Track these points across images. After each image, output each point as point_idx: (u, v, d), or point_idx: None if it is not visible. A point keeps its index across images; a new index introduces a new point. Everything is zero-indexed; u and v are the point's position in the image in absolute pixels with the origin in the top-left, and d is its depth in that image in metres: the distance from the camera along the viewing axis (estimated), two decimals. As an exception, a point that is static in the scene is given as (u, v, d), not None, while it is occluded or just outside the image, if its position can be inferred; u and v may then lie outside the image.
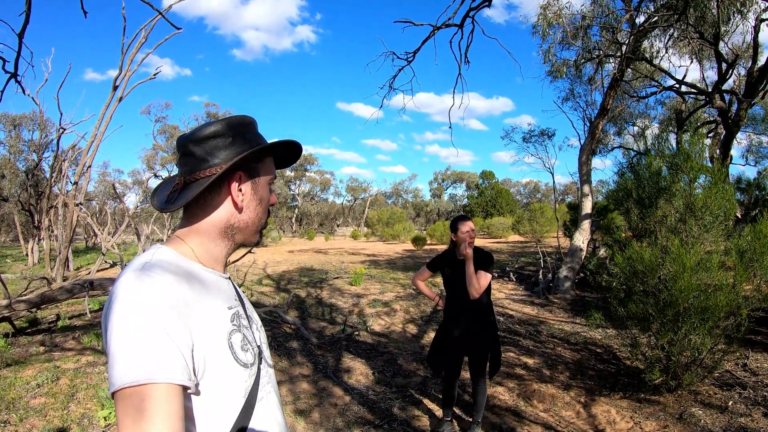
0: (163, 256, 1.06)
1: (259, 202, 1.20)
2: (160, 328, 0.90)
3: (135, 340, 0.88)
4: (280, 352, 6.28)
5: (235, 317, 1.12)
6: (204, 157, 1.12)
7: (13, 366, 5.49)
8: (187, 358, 0.93)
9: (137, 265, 1.00)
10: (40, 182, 23.97)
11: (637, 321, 4.61)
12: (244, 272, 11.23)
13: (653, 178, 5.00)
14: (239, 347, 1.08)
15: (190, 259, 1.11)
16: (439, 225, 31.48)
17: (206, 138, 1.13)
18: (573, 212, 15.29)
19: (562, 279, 10.25)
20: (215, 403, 1.02)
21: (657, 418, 4.17)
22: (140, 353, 0.87)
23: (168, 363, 0.88)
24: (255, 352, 1.14)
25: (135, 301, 0.91)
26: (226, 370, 1.03)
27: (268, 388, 1.17)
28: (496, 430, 4.12)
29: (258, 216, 1.21)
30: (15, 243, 41.30)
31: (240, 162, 1.13)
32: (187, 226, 1.16)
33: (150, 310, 0.91)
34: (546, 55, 11.33)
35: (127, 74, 10.62)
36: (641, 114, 17.18)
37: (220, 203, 1.15)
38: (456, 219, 3.85)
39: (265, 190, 1.22)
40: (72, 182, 12.19)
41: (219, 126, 1.14)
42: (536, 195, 69.99)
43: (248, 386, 1.09)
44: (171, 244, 1.13)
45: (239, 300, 1.22)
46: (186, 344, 0.94)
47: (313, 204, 63.52)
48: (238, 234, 1.20)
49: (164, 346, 0.89)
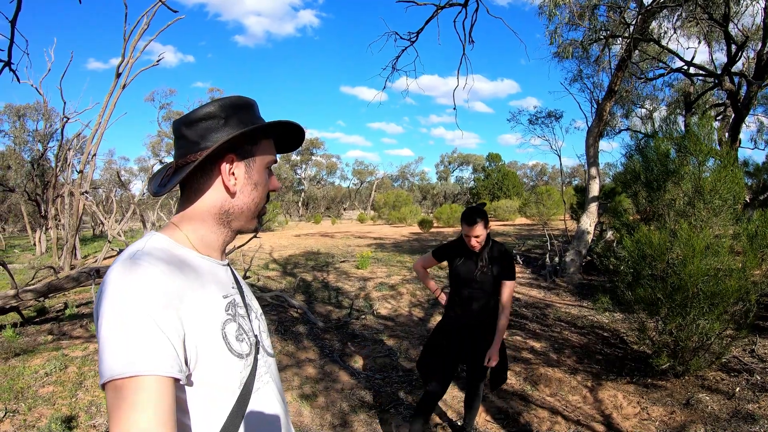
0: (156, 244, 1.03)
1: (255, 186, 1.15)
2: (149, 319, 0.87)
3: (123, 331, 0.85)
4: (287, 336, 6.30)
5: (230, 306, 1.09)
6: (195, 140, 1.09)
7: (21, 355, 5.52)
8: (177, 349, 0.90)
9: (128, 254, 0.97)
10: (45, 172, 24.06)
11: (645, 305, 4.57)
12: (250, 257, 11.22)
13: (661, 161, 4.93)
14: (234, 337, 1.05)
15: (184, 246, 1.08)
16: (446, 208, 31.42)
17: (198, 120, 1.09)
18: (580, 195, 15.23)
19: (569, 262, 10.20)
20: (209, 394, 1.00)
21: (664, 404, 4.15)
22: (129, 345, 0.84)
23: (157, 355, 0.86)
24: (251, 342, 1.11)
25: (124, 291, 0.89)
26: (220, 360, 1.01)
27: (266, 378, 1.15)
28: (503, 415, 4.11)
29: (254, 201, 1.16)
30: (23, 233, 41.48)
31: (229, 144, 1.08)
32: (181, 211, 1.13)
33: (139, 300, 0.88)
34: (552, 36, 11.18)
35: (130, 61, 10.58)
36: (649, 96, 16.99)
37: (211, 188, 1.11)
38: (464, 215, 3.22)
39: (261, 174, 1.16)
40: (77, 171, 12.21)
41: (212, 107, 1.10)
42: (543, 177, 69.62)
43: (243, 377, 1.06)
44: (166, 231, 1.10)
45: (237, 288, 1.19)
46: (177, 334, 0.91)
47: (320, 188, 63.56)
48: (235, 220, 1.15)
49: (153, 337, 0.87)
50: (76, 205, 10.36)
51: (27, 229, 28.69)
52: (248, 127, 1.10)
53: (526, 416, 4.08)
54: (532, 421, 3.99)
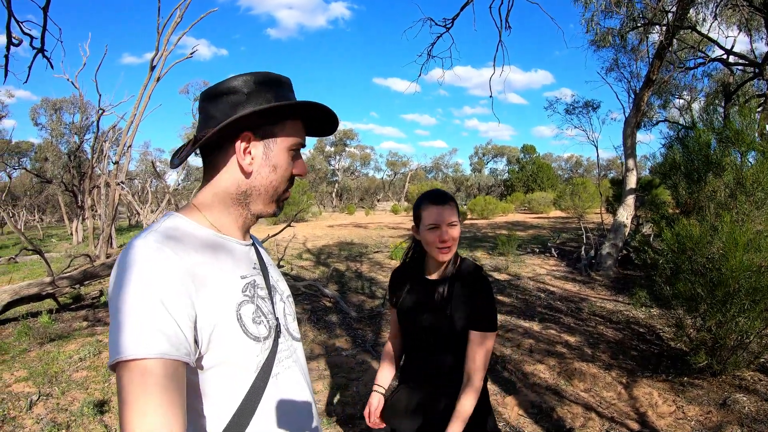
0: (171, 223, 1.01)
1: (273, 168, 1.09)
2: (157, 300, 0.85)
3: (131, 312, 0.84)
4: (319, 325, 6.35)
5: (248, 287, 1.06)
6: (213, 115, 1.05)
7: (56, 341, 5.69)
8: (186, 332, 0.89)
9: (143, 234, 0.96)
10: (82, 163, 24.73)
11: (683, 301, 4.45)
12: (284, 246, 11.34)
13: (702, 151, 4.79)
14: (250, 320, 1.02)
15: (201, 226, 1.05)
16: (480, 200, 31.31)
17: (220, 94, 1.05)
18: (616, 187, 14.92)
19: (605, 256, 10.02)
20: (223, 378, 0.98)
21: (700, 403, 4.05)
22: (136, 326, 0.83)
23: (164, 337, 0.84)
24: (271, 324, 1.08)
25: (132, 272, 0.87)
26: (234, 343, 0.98)
27: (287, 363, 1.11)
28: (536, 409, 4.07)
29: (272, 184, 1.10)
30: (60, 223, 42.79)
31: (245, 122, 1.03)
32: (201, 191, 1.10)
33: (146, 282, 0.86)
34: (589, 24, 10.99)
35: (164, 54, 10.72)
36: (687, 86, 16.52)
37: (226, 167, 1.07)
38: (426, 194, 1.93)
39: (282, 157, 1.10)
40: (113, 162, 12.45)
41: (237, 81, 1.05)
42: (578, 170, 68.49)
43: (260, 361, 1.03)
44: (184, 211, 1.08)
45: (260, 269, 1.15)
46: (186, 316, 0.89)
47: (353, 179, 63.81)
48: (253, 203, 1.11)
49: (160, 319, 0.85)
50: (112, 195, 10.57)
51: (64, 219, 29.53)
52: (262, 106, 1.04)
53: (560, 411, 4.02)
54: (566, 417, 3.93)
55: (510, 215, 34.19)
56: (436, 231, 1.82)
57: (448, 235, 1.81)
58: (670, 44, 10.22)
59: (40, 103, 27.14)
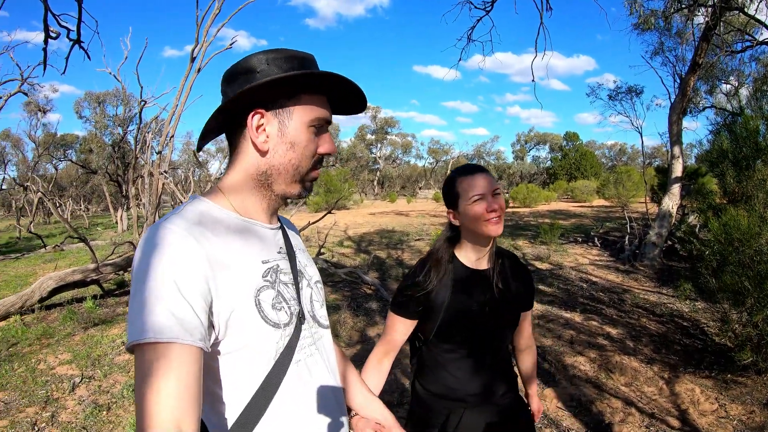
0: (192, 207, 1.00)
1: (291, 146, 1.04)
2: (172, 284, 0.85)
3: (146, 296, 0.84)
4: (359, 312, 6.41)
5: (270, 272, 1.04)
6: (228, 95, 1.03)
7: (100, 325, 5.90)
8: (201, 316, 0.88)
9: (165, 217, 0.95)
10: (126, 154, 25.33)
11: (729, 294, 4.31)
12: (324, 234, 11.44)
13: (751, 138, 4.61)
14: (269, 305, 1.00)
15: (225, 209, 1.04)
16: (522, 188, 30.93)
17: (237, 74, 1.03)
18: (661, 176, 14.51)
19: (650, 246, 9.77)
20: (241, 363, 0.97)
21: (743, 402, 3.92)
22: (150, 310, 0.83)
23: (177, 322, 0.84)
24: (293, 311, 1.06)
25: (152, 255, 0.87)
26: (252, 329, 0.97)
27: (310, 350, 1.09)
28: (575, 402, 4.02)
29: (291, 162, 1.05)
30: (105, 212, 44.24)
31: (256, 96, 1.00)
32: (225, 175, 1.10)
33: (162, 265, 0.86)
34: (632, 6, 10.62)
35: (204, 46, 10.83)
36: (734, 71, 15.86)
37: (244, 147, 1.06)
38: (453, 175, 1.71)
39: (300, 133, 1.04)
40: (156, 152, 12.71)
41: (253, 60, 1.02)
42: (622, 158, 66.80)
43: (280, 347, 1.01)
44: (208, 195, 1.07)
45: (287, 253, 1.13)
46: (202, 300, 0.88)
47: (395, 167, 63.77)
48: (275, 183, 1.07)
49: (174, 303, 0.84)
50: (155, 184, 10.78)
51: (109, 208, 30.46)
52: (268, 77, 0.99)
53: (599, 405, 3.96)
54: (605, 411, 3.87)
55: (552, 204, 33.66)
56: (481, 202, 1.58)
57: (497, 203, 1.59)
58: (717, 26, 9.83)
59: (83, 97, 27.96)
